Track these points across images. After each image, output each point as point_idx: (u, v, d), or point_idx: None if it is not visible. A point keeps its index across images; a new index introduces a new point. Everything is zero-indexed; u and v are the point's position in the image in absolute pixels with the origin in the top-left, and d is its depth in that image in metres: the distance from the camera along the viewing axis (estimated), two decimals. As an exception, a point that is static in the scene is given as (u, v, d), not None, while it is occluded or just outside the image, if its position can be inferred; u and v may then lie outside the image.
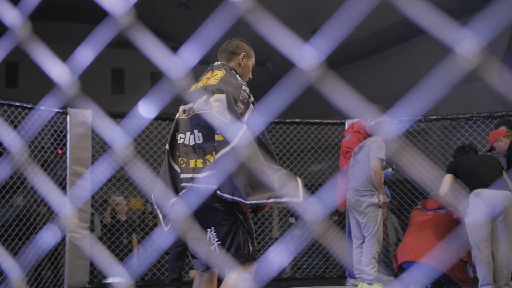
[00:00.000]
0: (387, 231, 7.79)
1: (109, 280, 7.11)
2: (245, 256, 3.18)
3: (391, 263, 6.60)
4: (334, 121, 7.89)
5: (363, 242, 5.97)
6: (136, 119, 6.45)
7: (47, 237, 5.58)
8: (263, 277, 6.37)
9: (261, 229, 7.98)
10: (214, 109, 3.20)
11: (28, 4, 1.06)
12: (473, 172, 5.58)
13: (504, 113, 6.84)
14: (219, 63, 3.51)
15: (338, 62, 14.46)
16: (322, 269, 7.78)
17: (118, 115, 7.02)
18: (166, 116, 6.97)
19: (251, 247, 3.18)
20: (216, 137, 3.15)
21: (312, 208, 0.98)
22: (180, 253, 5.79)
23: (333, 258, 7.79)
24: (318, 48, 0.97)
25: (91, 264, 6.67)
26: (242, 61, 3.54)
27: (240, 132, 3.07)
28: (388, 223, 7.91)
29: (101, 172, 6.09)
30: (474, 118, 7.18)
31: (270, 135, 7.64)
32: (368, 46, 13.92)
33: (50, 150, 6.67)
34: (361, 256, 5.99)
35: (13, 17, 1.07)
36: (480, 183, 5.47)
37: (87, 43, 1.09)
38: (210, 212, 3.17)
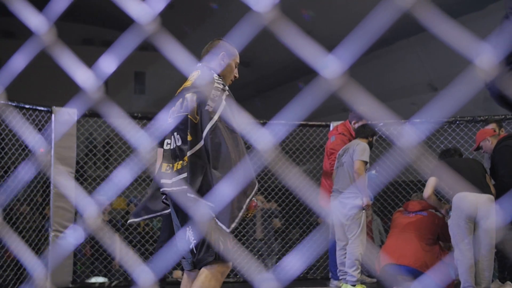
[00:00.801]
0: (372, 233, 7.86)
1: (92, 280, 7.08)
2: (215, 255, 3.21)
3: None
4: (319, 123, 7.93)
5: (347, 244, 6.00)
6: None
7: (70, 237, 5.56)
8: (285, 277, 6.40)
9: (245, 230, 8.01)
10: (187, 110, 3.25)
11: (54, 9, 1.07)
12: (457, 175, 5.65)
13: (486, 117, 6.93)
14: (199, 64, 3.54)
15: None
16: (305, 270, 7.82)
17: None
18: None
19: (222, 246, 3.20)
20: (188, 138, 3.20)
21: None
22: (164, 253, 5.78)
23: (317, 260, 7.83)
24: (341, 57, 1.00)
25: (75, 264, 6.65)
26: (223, 60, 3.52)
27: (205, 131, 3.14)
28: (373, 225, 7.97)
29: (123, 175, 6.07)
30: (458, 122, 7.28)
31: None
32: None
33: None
34: (344, 258, 6.02)
35: (38, 22, 1.09)
36: (464, 187, 5.54)
37: (112, 48, 1.11)
38: (186, 212, 3.22)
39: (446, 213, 5.88)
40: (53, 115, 6.48)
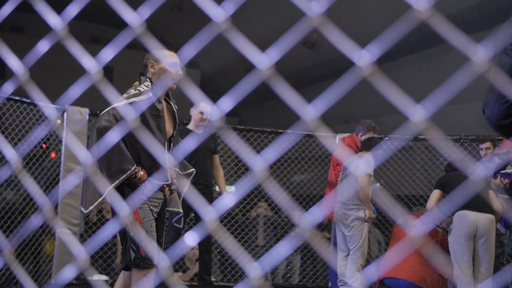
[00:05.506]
0: (370, 244, 7.89)
1: (95, 277, 7.18)
2: (127, 262, 3.43)
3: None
4: (326, 134, 7.98)
5: (348, 254, 6.05)
6: None
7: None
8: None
9: (248, 235, 8.07)
10: None
11: (69, 9, 1.16)
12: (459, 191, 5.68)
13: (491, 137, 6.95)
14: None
15: (322, 76, 14.48)
16: (305, 279, 7.88)
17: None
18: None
19: (133, 255, 3.36)
20: None
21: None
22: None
23: (317, 268, 7.89)
24: (371, 51, 1.06)
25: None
26: (153, 68, 3.69)
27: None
28: (371, 236, 8.02)
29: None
30: (462, 140, 7.33)
31: (262, 144, 7.75)
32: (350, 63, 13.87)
33: (39, 145, 6.79)
34: (345, 268, 6.07)
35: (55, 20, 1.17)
36: (465, 205, 5.55)
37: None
38: None
39: (447, 226, 5.92)
40: (65, 114, 6.59)
